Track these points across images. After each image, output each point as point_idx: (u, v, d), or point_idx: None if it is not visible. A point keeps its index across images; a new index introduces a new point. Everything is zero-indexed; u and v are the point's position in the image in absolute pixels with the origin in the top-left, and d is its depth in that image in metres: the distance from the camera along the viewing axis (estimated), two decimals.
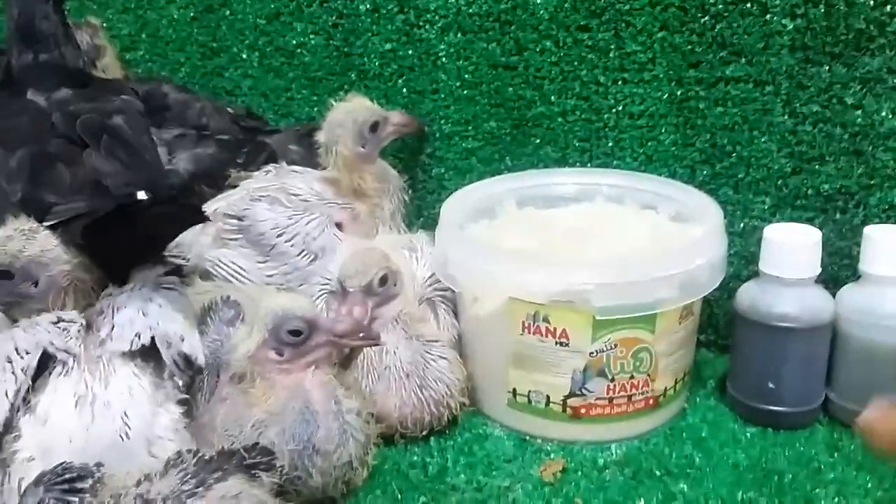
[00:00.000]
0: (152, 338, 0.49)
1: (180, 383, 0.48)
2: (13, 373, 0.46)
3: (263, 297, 0.54)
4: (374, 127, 0.68)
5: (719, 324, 0.66)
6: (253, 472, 0.42)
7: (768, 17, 0.61)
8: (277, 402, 0.49)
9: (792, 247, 0.57)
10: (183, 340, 0.49)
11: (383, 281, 0.57)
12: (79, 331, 0.49)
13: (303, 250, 0.65)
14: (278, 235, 0.66)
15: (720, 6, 0.62)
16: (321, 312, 0.51)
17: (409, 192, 0.76)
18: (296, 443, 0.48)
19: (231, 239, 0.67)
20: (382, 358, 0.57)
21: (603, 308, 0.53)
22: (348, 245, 0.63)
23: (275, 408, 0.49)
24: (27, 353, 0.47)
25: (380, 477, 0.54)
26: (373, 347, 0.55)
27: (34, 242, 0.52)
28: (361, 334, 0.51)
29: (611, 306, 0.53)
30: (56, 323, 0.49)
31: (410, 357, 0.57)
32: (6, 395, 0.46)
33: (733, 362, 0.61)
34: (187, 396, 0.49)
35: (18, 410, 0.46)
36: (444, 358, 0.58)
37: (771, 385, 0.58)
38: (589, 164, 0.70)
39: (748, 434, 0.58)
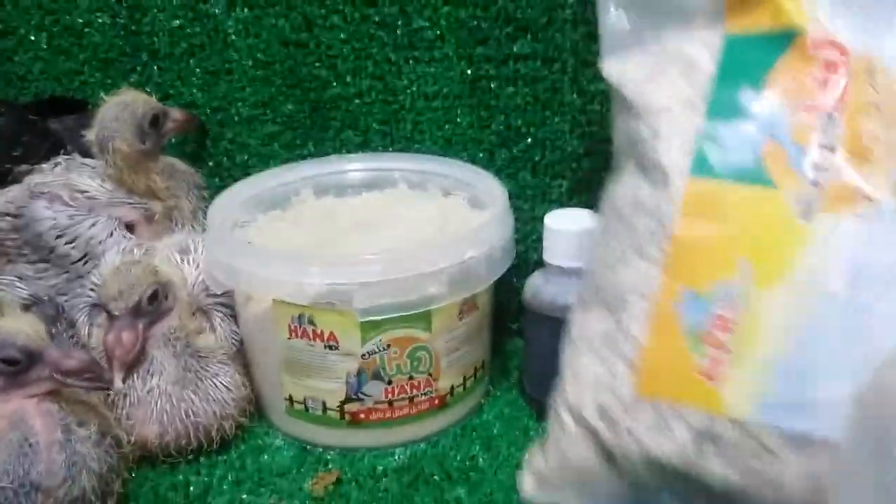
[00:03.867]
0: None
1: None
2: None
3: None
4: (155, 121, 0.63)
5: None
6: None
7: None
8: None
9: (569, 234, 0.54)
10: None
11: (153, 298, 0.52)
12: None
13: (85, 254, 0.60)
14: (57, 237, 0.60)
15: None
16: (50, 343, 0.46)
17: (217, 180, 0.71)
18: (10, 479, 0.43)
19: (8, 240, 0.61)
20: (145, 380, 0.52)
21: (364, 310, 0.50)
22: (111, 257, 0.58)
23: None
24: None
25: (132, 503, 0.50)
26: (136, 369, 0.51)
27: None
28: (89, 375, 0.45)
29: (374, 307, 0.50)
30: None
31: (178, 377, 0.52)
32: None
33: (524, 355, 0.59)
34: None
35: None
36: (220, 375, 0.54)
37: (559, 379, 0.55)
38: (390, 149, 0.66)
39: (541, 430, 0.56)
